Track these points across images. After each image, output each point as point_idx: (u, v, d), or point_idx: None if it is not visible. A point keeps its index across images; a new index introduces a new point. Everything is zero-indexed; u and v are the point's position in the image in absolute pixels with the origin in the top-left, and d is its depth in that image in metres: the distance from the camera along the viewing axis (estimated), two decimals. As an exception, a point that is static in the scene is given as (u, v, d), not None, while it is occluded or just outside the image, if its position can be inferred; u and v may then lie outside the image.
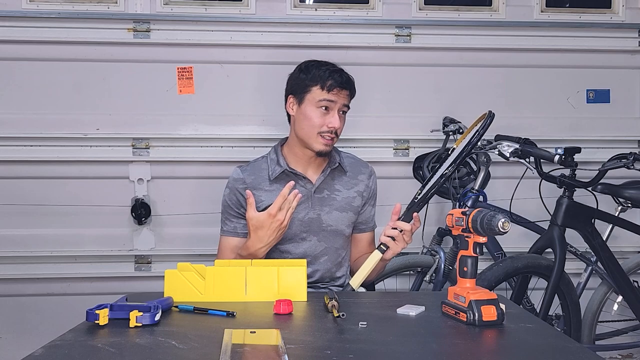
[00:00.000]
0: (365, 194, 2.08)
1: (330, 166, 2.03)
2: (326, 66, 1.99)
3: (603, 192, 2.64)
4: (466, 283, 1.44)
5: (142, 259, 2.95)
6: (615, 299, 2.84)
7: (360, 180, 2.09)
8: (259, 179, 2.01)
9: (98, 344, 1.22)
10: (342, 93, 1.97)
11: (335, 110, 1.96)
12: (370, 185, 2.11)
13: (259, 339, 1.25)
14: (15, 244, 2.87)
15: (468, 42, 3.05)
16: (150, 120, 2.91)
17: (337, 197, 2.03)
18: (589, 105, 3.14)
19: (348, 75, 2.01)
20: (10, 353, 2.81)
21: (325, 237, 2.01)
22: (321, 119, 1.95)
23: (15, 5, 2.83)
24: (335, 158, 2.05)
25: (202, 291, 1.58)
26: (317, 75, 1.96)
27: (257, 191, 1.98)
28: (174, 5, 2.92)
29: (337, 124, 1.95)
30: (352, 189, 2.06)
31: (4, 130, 2.83)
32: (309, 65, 2.01)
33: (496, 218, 1.36)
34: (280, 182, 1.97)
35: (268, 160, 2.05)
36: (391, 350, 1.20)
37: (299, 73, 2.02)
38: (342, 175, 2.06)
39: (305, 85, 1.98)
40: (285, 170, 1.99)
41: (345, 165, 2.07)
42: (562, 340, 1.33)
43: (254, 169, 2.04)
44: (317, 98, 1.95)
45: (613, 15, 3.13)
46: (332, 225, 2.01)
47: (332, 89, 1.94)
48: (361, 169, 2.11)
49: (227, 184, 2.05)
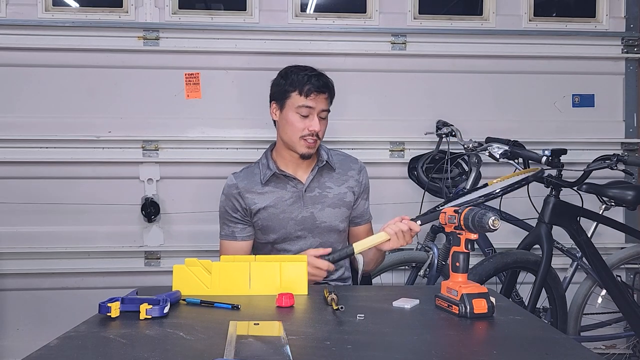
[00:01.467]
0: (356, 189, 2.05)
1: (318, 164, 2.01)
2: (305, 71, 1.95)
3: (588, 191, 2.63)
4: (458, 277, 1.43)
5: (152, 254, 2.95)
6: (600, 292, 2.83)
7: (350, 176, 2.05)
8: (251, 183, 1.99)
9: (110, 335, 1.22)
10: (319, 97, 1.93)
11: (314, 114, 1.93)
12: (360, 180, 2.06)
13: (262, 331, 1.25)
14: (32, 241, 2.87)
15: (460, 50, 3.04)
16: (159, 123, 2.91)
17: (329, 194, 2.00)
18: (575, 109, 3.13)
19: (326, 79, 1.97)
20: (27, 343, 2.77)
21: (319, 233, 1.99)
22: (302, 123, 1.93)
23: (32, 14, 2.83)
24: (322, 156, 2.01)
25: (208, 285, 1.58)
26: (295, 81, 1.93)
27: (250, 194, 1.97)
28: (182, 15, 2.92)
29: (317, 127, 1.92)
30: (343, 185, 2.03)
31: (22, 133, 2.83)
32: (289, 71, 1.98)
33: (487, 216, 1.36)
34: (272, 185, 1.97)
35: (260, 165, 2.03)
36: (387, 341, 1.20)
37: (280, 79, 1.99)
38: (332, 172, 2.03)
39: (285, 91, 1.95)
40: (275, 172, 1.98)
41: (334, 162, 2.04)
42: (549, 331, 1.33)
43: (246, 174, 2.03)
44: (296, 104, 1.93)
45: (597, 24, 3.13)
46: (325, 222, 1.99)
47: (309, 94, 1.91)
48: (350, 165, 2.07)
49: (222, 191, 2.03)
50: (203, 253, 2.81)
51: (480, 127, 2.93)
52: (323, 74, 1.98)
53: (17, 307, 2.89)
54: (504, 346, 1.21)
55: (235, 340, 1.14)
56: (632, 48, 3.13)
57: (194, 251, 2.84)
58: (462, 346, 1.21)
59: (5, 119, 2.84)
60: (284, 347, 1.11)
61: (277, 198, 1.97)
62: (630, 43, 3.13)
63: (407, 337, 1.25)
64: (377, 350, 1.14)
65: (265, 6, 2.95)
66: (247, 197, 1.97)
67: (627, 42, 3.12)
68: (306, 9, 3.05)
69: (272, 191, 1.98)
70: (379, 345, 1.17)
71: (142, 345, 1.16)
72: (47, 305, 2.90)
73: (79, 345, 1.16)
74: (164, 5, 2.89)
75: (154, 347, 1.15)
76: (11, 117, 2.84)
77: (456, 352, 1.17)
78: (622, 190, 2.66)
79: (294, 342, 1.15)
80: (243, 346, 1.12)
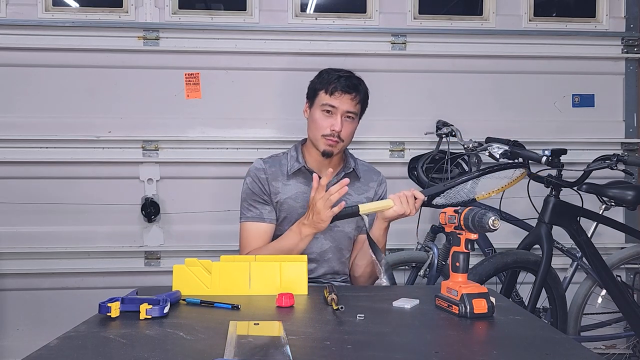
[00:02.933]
0: (373, 199, 2.06)
1: (344, 170, 2.03)
2: (337, 72, 1.99)
3: (588, 191, 2.63)
4: (458, 277, 1.43)
5: (152, 254, 2.94)
6: (600, 292, 2.83)
7: (370, 187, 2.08)
8: (277, 173, 2.01)
9: (110, 335, 1.22)
10: (344, 97, 1.95)
11: (338, 114, 1.95)
12: (378, 192, 2.09)
13: (262, 331, 1.25)
14: (32, 241, 2.87)
15: (460, 50, 3.04)
16: (160, 123, 2.91)
17: (348, 200, 1.98)
18: (575, 109, 3.13)
19: (356, 82, 1.99)
20: (27, 343, 2.77)
21: (331, 236, 2.00)
22: (325, 121, 1.95)
23: (32, 14, 2.83)
24: (350, 163, 2.05)
25: (208, 285, 1.58)
26: (325, 80, 1.97)
27: (275, 182, 1.99)
28: (182, 15, 2.91)
29: (338, 127, 1.93)
30: (363, 194, 2.05)
31: (22, 133, 2.83)
32: (324, 71, 2.03)
33: (487, 216, 1.36)
34: (296, 179, 1.98)
35: (288, 156, 2.04)
36: (387, 341, 1.20)
37: (315, 78, 2.04)
38: (356, 180, 2.05)
39: (315, 90, 1.99)
40: (302, 167, 1.99)
41: (360, 171, 2.07)
42: (549, 331, 1.33)
43: (274, 161, 2.04)
44: (322, 102, 1.96)
45: (597, 24, 3.12)
46: (338, 226, 2.00)
47: (334, 93, 1.94)
48: (373, 177, 2.10)
49: (248, 173, 2.03)
50: (203, 253, 2.81)
51: (480, 127, 2.93)
52: (356, 77, 2.01)
53: (17, 307, 2.89)
54: (504, 346, 1.21)
55: (235, 340, 1.14)
56: (632, 48, 3.13)
57: (194, 251, 2.84)
58: (462, 346, 1.21)
59: (5, 119, 2.84)
60: (284, 347, 1.11)
61: (299, 192, 1.99)
62: (630, 43, 3.12)
63: (407, 337, 1.25)
64: (377, 350, 1.14)
65: (265, 6, 2.95)
66: (272, 185, 1.98)
67: (627, 42, 3.12)
68: (306, 9, 3.05)
69: (296, 184, 1.99)
70: (379, 345, 1.17)
71: (142, 345, 1.16)
72: (47, 305, 2.90)
73: (79, 345, 1.16)
74: (164, 5, 2.89)
75: (154, 347, 1.15)
76: (11, 117, 2.84)
77: (456, 352, 1.17)
78: (622, 190, 2.66)
79: (294, 342, 1.15)
80: (243, 346, 1.12)
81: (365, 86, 2.03)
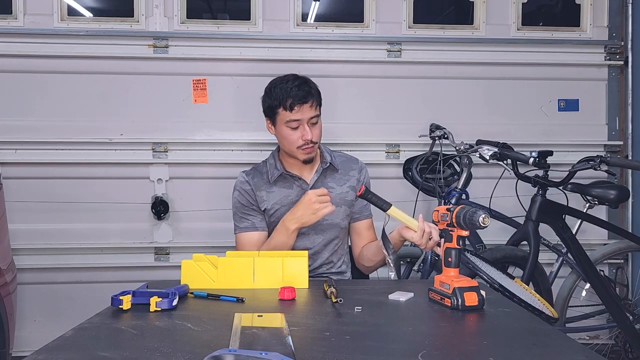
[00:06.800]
0: (357, 186, 2.03)
1: (322, 166, 2.00)
2: (286, 84, 1.89)
3: (573, 190, 2.63)
4: (450, 272, 1.43)
5: (161, 250, 2.95)
6: (584, 286, 2.83)
7: (351, 175, 2.04)
8: (260, 182, 1.99)
9: (122, 326, 1.22)
10: (304, 107, 1.88)
11: (304, 124, 1.89)
12: (361, 179, 2.05)
13: (265, 322, 1.25)
14: (48, 237, 2.87)
15: (452, 57, 3.04)
16: (169, 126, 2.91)
17: (332, 193, 1.97)
18: (560, 113, 3.13)
19: (307, 88, 1.90)
20: (44, 334, 2.77)
21: (322, 230, 1.99)
22: (294, 135, 1.90)
23: (48, 23, 2.84)
24: (326, 158, 2.00)
25: (214, 279, 1.58)
26: (279, 96, 1.88)
27: (259, 192, 1.97)
28: (190, 24, 2.92)
29: (308, 136, 1.88)
30: (345, 184, 2.02)
31: (38, 136, 2.84)
32: (272, 86, 1.93)
33: (477, 214, 1.36)
34: (278, 184, 1.97)
35: (267, 165, 2.02)
36: (383, 331, 1.20)
37: (265, 96, 1.95)
38: (335, 173, 2.02)
39: (273, 108, 1.91)
40: (282, 173, 1.97)
41: (337, 163, 2.03)
42: (536, 322, 1.33)
43: (256, 172, 2.02)
44: (285, 119, 1.89)
45: (582, 33, 3.13)
46: (328, 219, 1.97)
47: (293, 108, 1.87)
48: (352, 165, 2.06)
49: (234, 187, 2.01)
50: (210, 249, 2.82)
51: (471, 130, 2.93)
52: (304, 82, 1.91)
53: (34, 300, 2.89)
54: (494, 337, 1.22)
55: (240, 331, 1.14)
56: (614, 55, 3.13)
57: (201, 247, 2.85)
58: (454, 337, 1.21)
59: (23, 122, 2.84)
60: (286, 338, 1.11)
61: (284, 197, 1.97)
62: (613, 51, 3.13)
63: (402, 328, 1.25)
64: (374, 340, 1.14)
65: (269, 16, 2.95)
66: (257, 195, 1.97)
67: (610, 49, 3.13)
68: (307, 18, 3.05)
69: (279, 190, 1.98)
70: (375, 336, 1.17)
71: (152, 336, 1.16)
72: (63, 298, 2.90)
73: (93, 336, 1.16)
74: (173, 15, 2.89)
75: (163, 337, 1.15)
76: (29, 120, 2.84)
77: (448, 342, 1.17)
78: (605, 189, 2.66)
79: (296, 333, 1.16)
80: (247, 337, 1.12)
81: (314, 85, 1.94)
